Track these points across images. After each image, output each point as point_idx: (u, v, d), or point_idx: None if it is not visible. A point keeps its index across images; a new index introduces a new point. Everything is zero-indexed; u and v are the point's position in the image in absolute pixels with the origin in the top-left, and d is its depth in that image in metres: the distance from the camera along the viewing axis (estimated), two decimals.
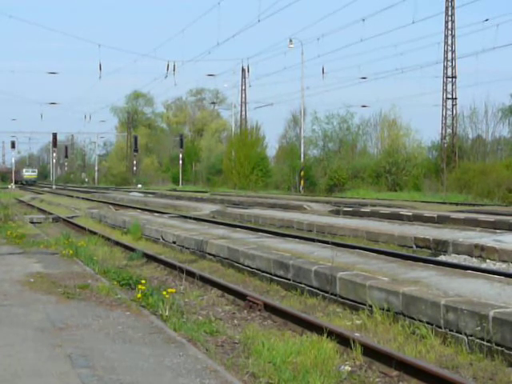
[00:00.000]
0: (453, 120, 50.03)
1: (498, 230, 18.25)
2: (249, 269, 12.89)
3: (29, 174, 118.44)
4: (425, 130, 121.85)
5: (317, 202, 35.88)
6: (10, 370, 5.71)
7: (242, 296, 10.35)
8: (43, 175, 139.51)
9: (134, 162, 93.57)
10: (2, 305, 8.59)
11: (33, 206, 36.06)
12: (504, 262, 13.96)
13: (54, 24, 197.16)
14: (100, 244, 17.58)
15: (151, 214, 27.34)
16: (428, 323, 7.96)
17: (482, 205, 33.12)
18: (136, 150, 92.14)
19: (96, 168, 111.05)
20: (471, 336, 7.35)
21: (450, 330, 7.67)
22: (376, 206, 31.29)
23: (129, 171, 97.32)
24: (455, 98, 49.73)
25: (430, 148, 57.17)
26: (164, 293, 9.31)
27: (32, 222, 24.98)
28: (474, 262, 14.31)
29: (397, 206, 31.18)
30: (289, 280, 11.34)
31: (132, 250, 16.39)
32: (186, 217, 26.33)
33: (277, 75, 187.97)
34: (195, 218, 25.28)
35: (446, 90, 49.43)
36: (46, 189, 76.37)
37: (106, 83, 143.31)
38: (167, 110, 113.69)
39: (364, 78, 59.09)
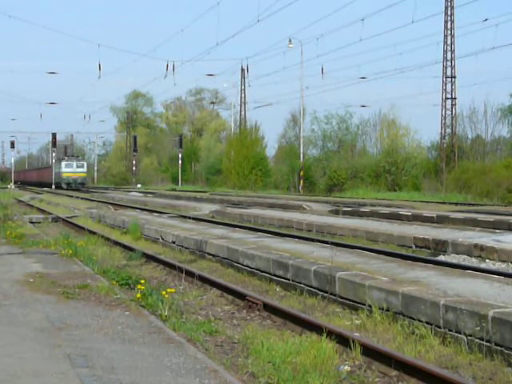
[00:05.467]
0: (452, 120, 50.04)
1: (497, 230, 18.26)
2: (248, 269, 12.89)
3: (72, 170, 77.19)
4: (424, 129, 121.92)
5: (316, 201, 35.89)
6: (10, 370, 5.71)
7: (241, 296, 10.35)
8: None
9: (134, 162, 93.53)
10: (1, 305, 8.58)
11: (32, 206, 36.01)
12: (503, 261, 13.96)
13: (54, 24, 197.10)
14: (99, 244, 17.57)
15: (150, 214, 27.34)
16: (427, 323, 7.96)
17: (481, 205, 33.13)
18: (135, 150, 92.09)
19: (95, 168, 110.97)
20: (471, 336, 7.35)
21: (449, 330, 7.67)
22: (375, 205, 31.29)
23: (128, 171, 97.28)
24: (454, 98, 49.75)
25: (429, 148, 57.23)
26: (163, 293, 9.30)
27: (31, 222, 24.96)
28: (473, 261, 14.31)
29: (396, 205, 31.19)
30: (288, 280, 11.34)
31: (131, 249, 16.39)
32: (185, 217, 26.31)
33: (276, 75, 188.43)
34: (194, 218, 25.27)
35: (445, 89, 49.44)
36: (45, 189, 76.32)
37: (106, 83, 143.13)
38: (166, 109, 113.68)
39: (363, 77, 59.19)
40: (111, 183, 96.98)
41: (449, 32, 48.69)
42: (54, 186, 79.98)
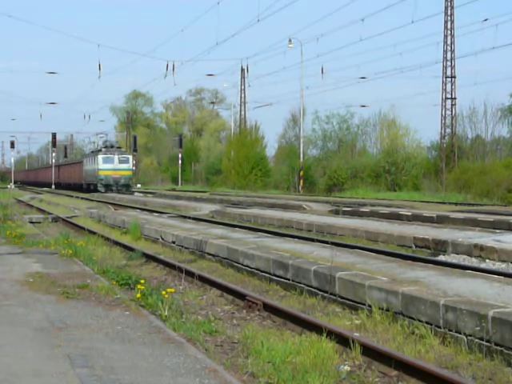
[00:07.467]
0: (452, 120, 50.04)
1: (497, 230, 18.26)
2: (248, 269, 12.89)
3: (112, 167, 57.26)
4: (424, 129, 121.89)
5: (316, 201, 35.87)
6: (9, 370, 5.71)
7: (241, 296, 10.35)
8: None
9: (134, 162, 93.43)
10: (1, 305, 8.59)
11: (32, 206, 36.03)
12: (503, 261, 13.96)
13: (54, 24, 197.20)
14: (99, 244, 17.56)
15: (150, 214, 27.34)
16: (427, 323, 7.96)
17: (481, 205, 33.13)
18: (135, 150, 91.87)
19: None
20: (470, 336, 7.35)
21: (449, 330, 7.67)
22: (375, 205, 31.28)
23: None
24: (454, 98, 49.75)
25: (429, 148, 57.23)
26: (163, 293, 9.30)
27: (31, 222, 24.97)
28: (473, 261, 14.31)
29: (396, 205, 31.18)
30: (288, 280, 11.33)
31: (131, 249, 16.39)
32: (185, 216, 26.32)
33: (276, 75, 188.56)
34: (194, 218, 25.27)
35: (445, 89, 49.43)
36: (45, 189, 76.28)
37: (106, 83, 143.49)
38: (166, 109, 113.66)
39: (363, 77, 59.26)
40: None
41: (449, 32, 48.70)
42: (53, 186, 79.49)
